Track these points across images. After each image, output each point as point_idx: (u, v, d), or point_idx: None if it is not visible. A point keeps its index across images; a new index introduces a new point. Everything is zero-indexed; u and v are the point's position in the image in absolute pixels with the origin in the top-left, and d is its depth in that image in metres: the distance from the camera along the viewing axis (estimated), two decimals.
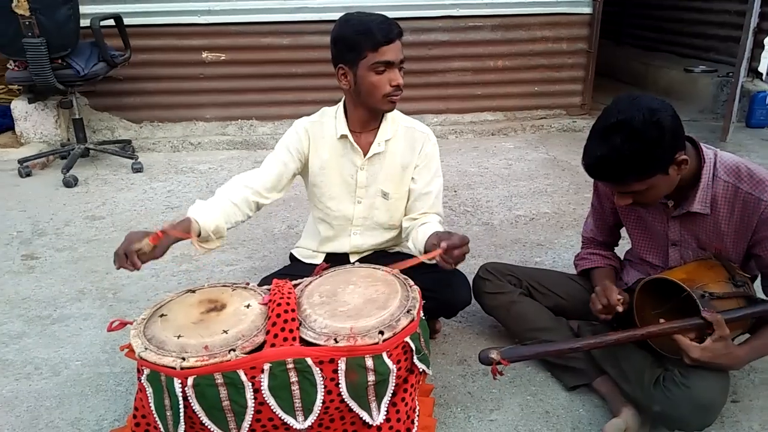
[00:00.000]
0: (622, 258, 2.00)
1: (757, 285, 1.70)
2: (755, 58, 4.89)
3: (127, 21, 4.00)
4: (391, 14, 1.82)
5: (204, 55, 4.47)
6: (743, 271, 1.64)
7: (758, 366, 1.90)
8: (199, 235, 1.65)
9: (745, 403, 1.76)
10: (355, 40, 1.68)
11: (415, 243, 1.81)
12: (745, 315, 1.55)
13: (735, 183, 1.55)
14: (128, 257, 1.49)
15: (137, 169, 4.01)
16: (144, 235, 1.51)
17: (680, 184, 1.57)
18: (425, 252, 1.71)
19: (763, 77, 4.90)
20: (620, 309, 1.64)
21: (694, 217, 1.63)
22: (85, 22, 3.61)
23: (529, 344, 1.58)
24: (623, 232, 1.94)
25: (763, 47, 4.89)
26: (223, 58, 4.49)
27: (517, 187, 3.61)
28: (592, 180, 1.89)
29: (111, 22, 3.89)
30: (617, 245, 2.02)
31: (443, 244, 1.56)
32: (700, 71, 5.34)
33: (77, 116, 4.03)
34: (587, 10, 4.60)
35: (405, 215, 1.94)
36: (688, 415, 1.51)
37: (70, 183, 3.72)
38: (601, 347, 1.57)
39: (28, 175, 3.91)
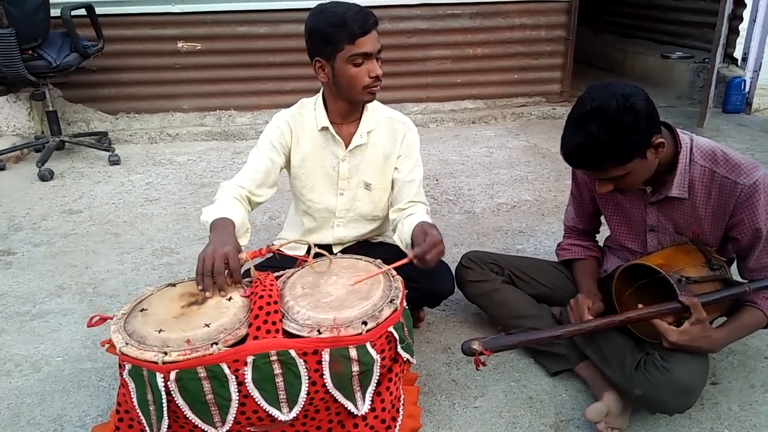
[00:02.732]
0: (602, 245, 2.03)
1: (734, 268, 1.72)
2: (730, 44, 4.95)
3: (98, 10, 3.92)
4: (368, 2, 1.80)
5: (179, 44, 4.41)
6: (720, 255, 1.66)
7: (736, 348, 1.94)
8: None
9: (724, 385, 1.80)
10: (331, 32, 1.65)
11: (401, 236, 1.79)
12: (721, 298, 1.57)
13: (711, 167, 1.57)
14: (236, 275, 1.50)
15: (114, 161, 3.95)
16: (234, 248, 1.51)
17: (658, 169, 1.58)
18: (411, 244, 1.71)
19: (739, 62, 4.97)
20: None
21: (671, 202, 1.65)
22: (55, 12, 3.54)
23: (511, 333, 1.59)
24: (603, 219, 1.95)
25: (737, 33, 4.94)
26: (198, 47, 4.44)
27: (499, 175, 3.62)
28: (571, 168, 1.90)
29: (82, 11, 3.81)
30: (598, 232, 2.04)
31: (410, 255, 1.56)
32: (677, 57, 5.40)
33: (51, 108, 3.96)
34: None
35: (391, 206, 1.93)
36: (669, 398, 1.53)
37: (45, 176, 3.65)
38: (582, 334, 1.59)
39: (2, 168, 3.84)
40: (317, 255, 1.63)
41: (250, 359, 1.35)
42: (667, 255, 1.65)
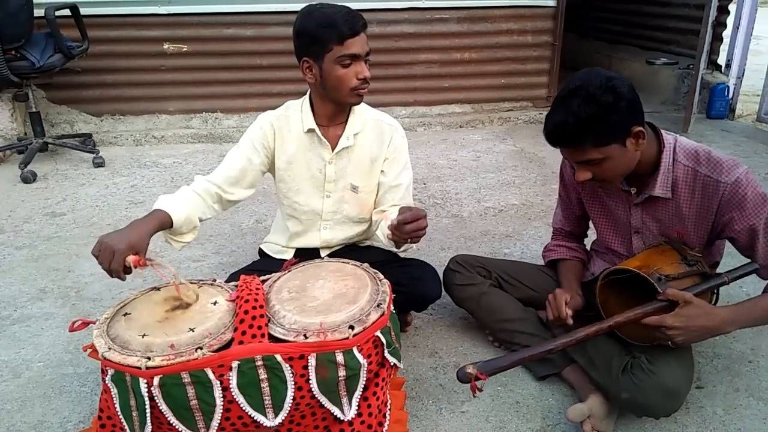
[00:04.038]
0: (589, 248, 2.03)
1: (723, 267, 1.73)
2: (714, 50, 5.01)
3: (83, 11, 3.88)
4: (356, 5, 1.80)
5: (165, 46, 4.38)
6: (705, 257, 1.67)
7: (721, 352, 1.96)
8: (171, 226, 1.62)
9: (709, 389, 1.81)
10: (320, 33, 1.65)
11: (383, 231, 1.80)
12: (701, 291, 1.58)
13: (694, 167, 1.59)
14: (115, 274, 1.45)
15: (99, 163, 3.91)
16: (127, 248, 1.45)
17: (642, 170, 1.59)
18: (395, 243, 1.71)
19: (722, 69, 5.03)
20: (570, 322, 1.65)
21: (655, 202, 1.66)
22: (39, 12, 3.50)
23: (505, 355, 1.57)
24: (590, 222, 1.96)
25: (721, 40, 5.01)
26: (185, 49, 4.41)
27: (486, 179, 3.63)
28: (558, 171, 1.91)
29: (67, 12, 3.77)
30: (586, 236, 2.04)
31: (392, 222, 1.53)
32: (662, 63, 5.45)
33: (34, 109, 3.91)
34: (551, 2, 4.64)
35: (375, 208, 1.93)
36: (655, 402, 1.54)
37: (28, 178, 3.60)
38: (573, 345, 1.56)
39: None
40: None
41: (235, 364, 1.33)
42: (643, 257, 1.66)
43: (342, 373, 1.39)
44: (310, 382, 1.37)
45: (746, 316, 1.57)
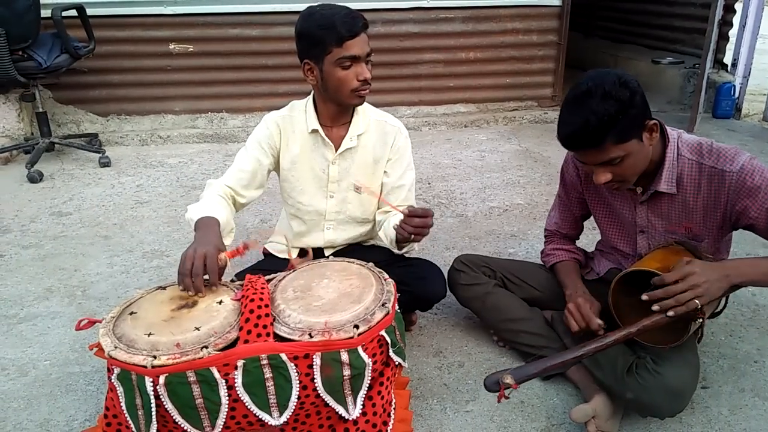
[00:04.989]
0: (592, 249, 2.03)
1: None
2: (720, 49, 4.99)
3: (90, 11, 3.90)
4: (361, 5, 1.81)
5: (171, 46, 4.40)
6: (713, 256, 1.66)
7: (727, 353, 1.95)
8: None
9: (714, 389, 1.80)
10: (319, 35, 1.65)
11: (386, 232, 1.81)
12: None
13: (698, 160, 1.59)
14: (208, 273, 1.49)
15: (105, 163, 3.92)
16: (215, 249, 1.51)
17: (647, 167, 1.59)
18: (396, 242, 1.72)
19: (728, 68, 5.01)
20: (601, 333, 1.61)
21: (661, 198, 1.65)
22: (46, 13, 3.52)
23: (533, 361, 1.54)
24: (593, 223, 1.95)
25: (727, 39, 4.99)
26: (191, 49, 4.42)
27: (491, 179, 3.63)
28: (568, 149, 1.87)
29: (73, 12, 3.79)
30: (578, 238, 2.04)
31: (405, 209, 1.59)
32: (667, 63, 5.43)
33: (41, 109, 3.93)
34: (556, 2, 4.63)
35: (378, 209, 1.93)
36: (660, 402, 1.53)
37: (35, 178, 3.62)
38: (603, 350, 1.50)
39: None
40: (302, 254, 1.61)
41: (240, 363, 1.34)
42: (660, 258, 1.63)
43: (347, 372, 1.39)
44: (315, 381, 1.37)
45: (750, 267, 1.50)
